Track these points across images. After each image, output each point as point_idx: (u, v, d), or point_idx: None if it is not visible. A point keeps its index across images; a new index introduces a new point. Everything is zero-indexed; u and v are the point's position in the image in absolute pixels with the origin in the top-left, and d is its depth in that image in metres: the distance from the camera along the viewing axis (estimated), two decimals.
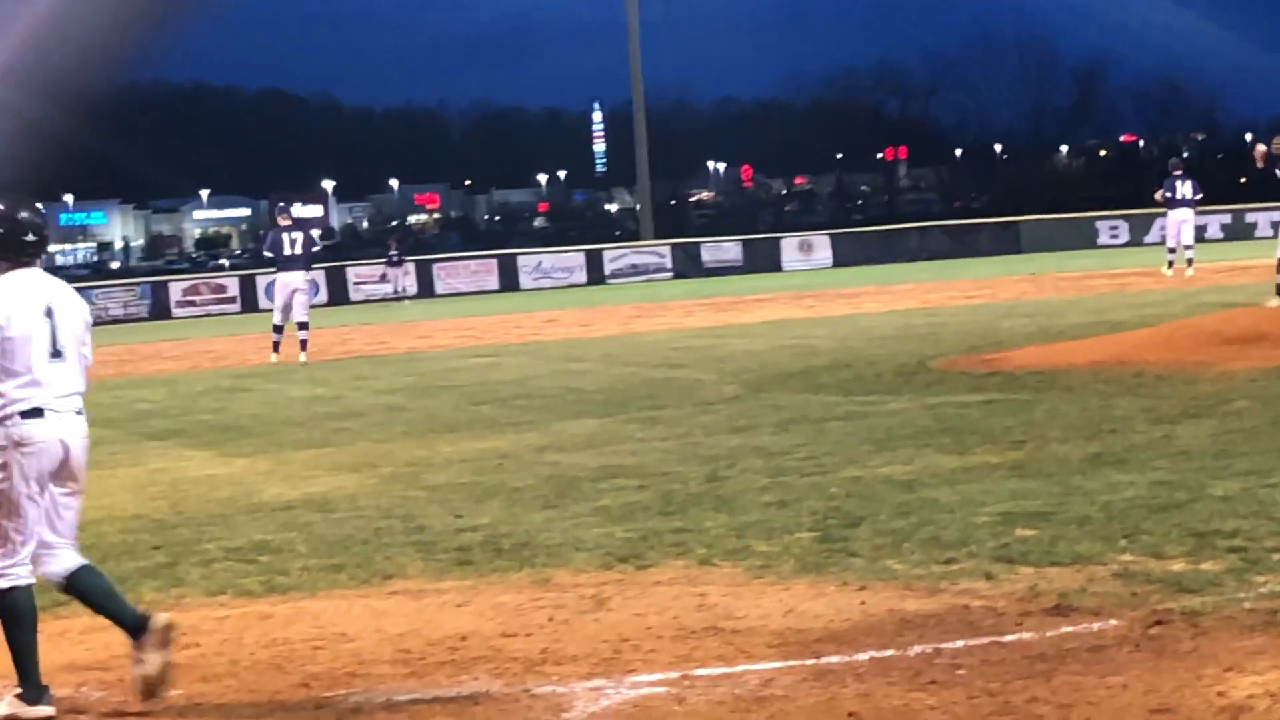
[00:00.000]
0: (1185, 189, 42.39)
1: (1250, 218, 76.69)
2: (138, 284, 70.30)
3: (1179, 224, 42.64)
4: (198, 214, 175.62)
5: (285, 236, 29.29)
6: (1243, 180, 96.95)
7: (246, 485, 13.17)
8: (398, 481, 12.74)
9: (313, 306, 32.59)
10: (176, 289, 68.11)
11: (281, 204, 33.92)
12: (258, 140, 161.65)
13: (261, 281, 68.03)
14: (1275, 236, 23.51)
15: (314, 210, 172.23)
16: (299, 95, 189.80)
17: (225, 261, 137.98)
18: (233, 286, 68.30)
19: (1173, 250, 43.23)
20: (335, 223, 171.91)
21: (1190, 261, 42.67)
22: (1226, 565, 7.66)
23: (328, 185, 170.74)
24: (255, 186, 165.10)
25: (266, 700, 6.64)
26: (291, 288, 29.42)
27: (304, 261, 29.71)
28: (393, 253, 68.96)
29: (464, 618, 7.84)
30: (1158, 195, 43.09)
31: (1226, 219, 76.07)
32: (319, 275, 68.74)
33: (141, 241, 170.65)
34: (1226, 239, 71.96)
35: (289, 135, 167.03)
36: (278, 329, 29.87)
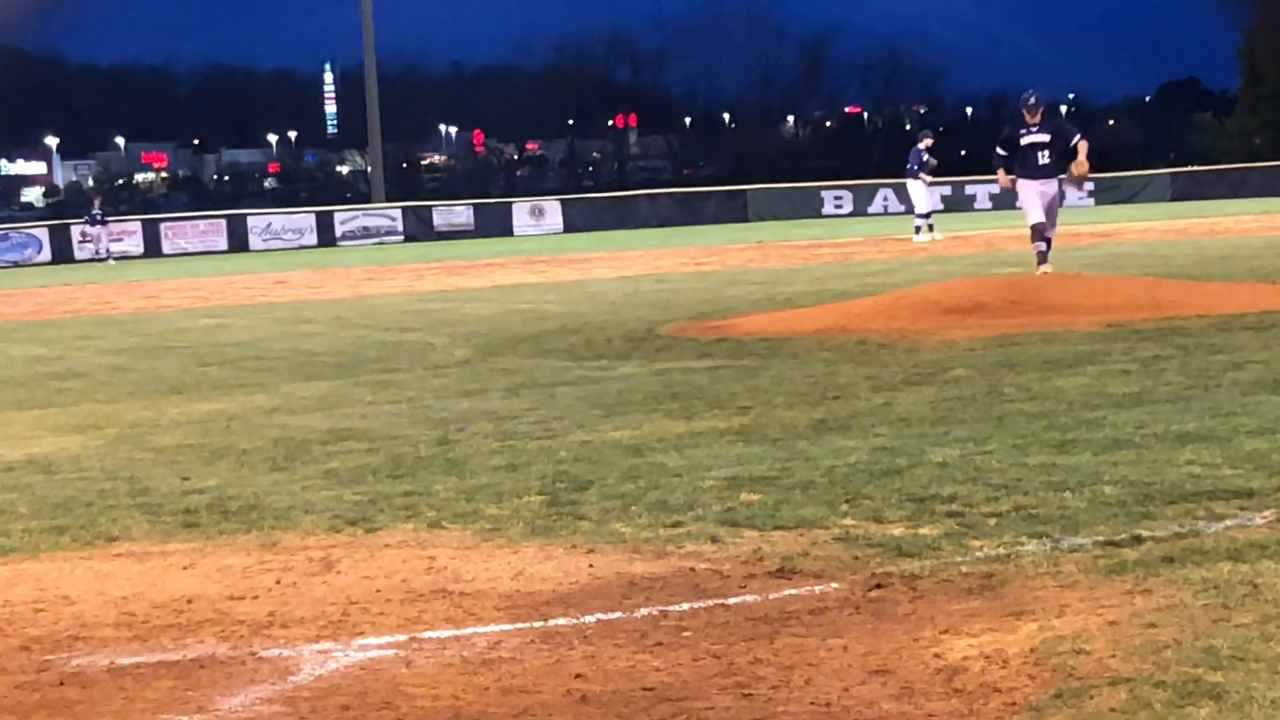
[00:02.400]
0: (917, 159, 44.39)
1: (970, 189, 78.42)
2: None
3: (916, 190, 45.01)
4: None
5: None
6: (963, 153, 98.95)
7: None
8: (123, 443, 12.56)
9: (35, 265, 31.93)
10: None
11: None
12: None
13: None
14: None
15: (37, 167, 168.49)
16: (20, 48, 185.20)
17: None
18: None
19: (920, 217, 45.22)
20: (59, 180, 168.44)
21: (931, 228, 44.61)
22: (944, 530, 7.84)
23: (51, 142, 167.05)
24: None
25: None
26: None
27: None
28: (95, 212, 67.67)
29: (190, 580, 7.77)
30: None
31: (946, 190, 77.64)
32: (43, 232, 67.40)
33: None
34: (947, 210, 73.42)
35: (11, 90, 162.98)
36: None
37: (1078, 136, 22.70)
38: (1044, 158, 22.40)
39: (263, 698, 5.88)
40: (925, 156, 44.11)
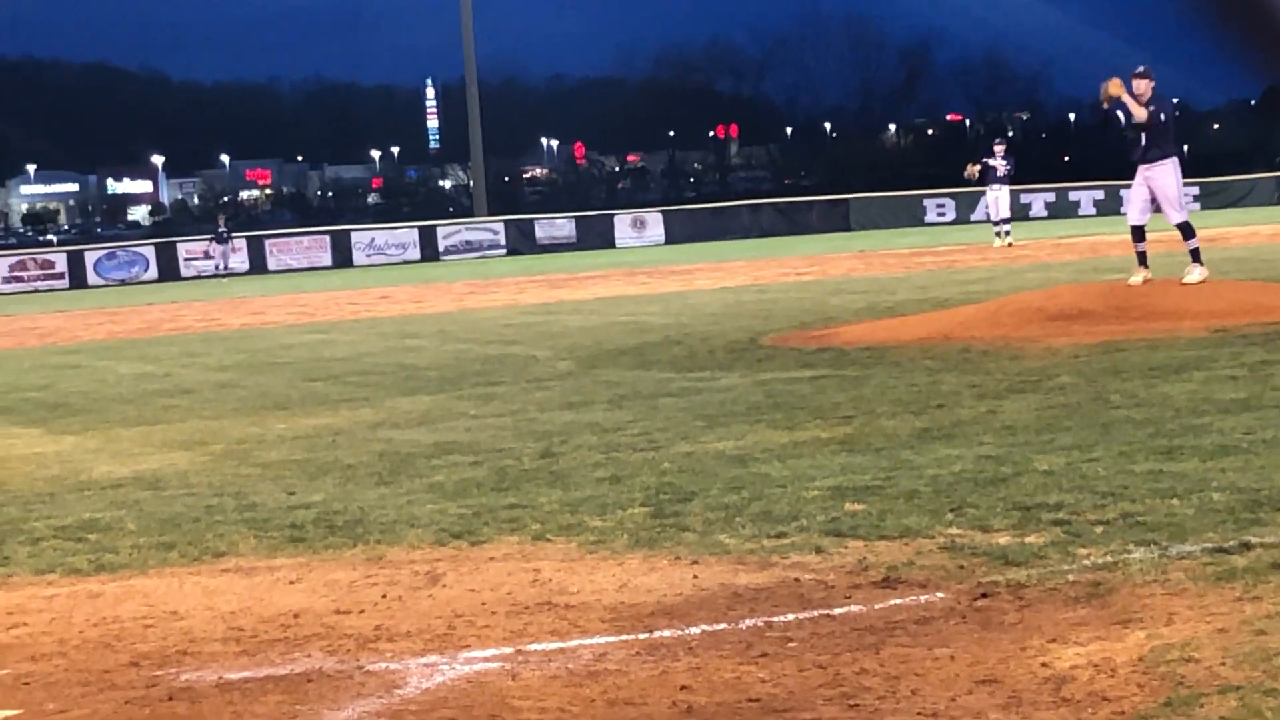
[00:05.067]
0: (998, 166, 44.36)
1: (1073, 195, 77.85)
2: None
3: (995, 198, 44.88)
4: (24, 189, 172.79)
5: None
6: (1065, 159, 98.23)
7: (75, 463, 13.02)
8: (229, 459, 12.66)
9: (143, 283, 32.32)
10: (2, 265, 67.05)
11: None
12: (85, 115, 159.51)
13: (90, 258, 67.19)
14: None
15: (143, 185, 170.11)
16: (127, 69, 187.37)
17: (53, 237, 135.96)
18: (61, 263, 67.31)
19: (996, 224, 45.09)
20: (165, 198, 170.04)
21: (1008, 234, 44.43)
22: (1050, 538, 7.79)
23: (157, 160, 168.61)
24: (83, 161, 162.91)
25: (96, 679, 6.58)
26: None
27: None
28: (221, 229, 68.29)
29: (296, 595, 7.82)
30: (974, 169, 44.94)
31: (1050, 197, 77.16)
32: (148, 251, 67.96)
33: None
34: (1050, 217, 72.98)
35: (117, 109, 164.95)
36: None
37: (1162, 118, 21.14)
38: (1143, 141, 21.27)
39: (369, 711, 5.90)
40: (1004, 162, 44.28)
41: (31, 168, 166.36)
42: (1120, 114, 21.07)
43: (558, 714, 5.73)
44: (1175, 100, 23.07)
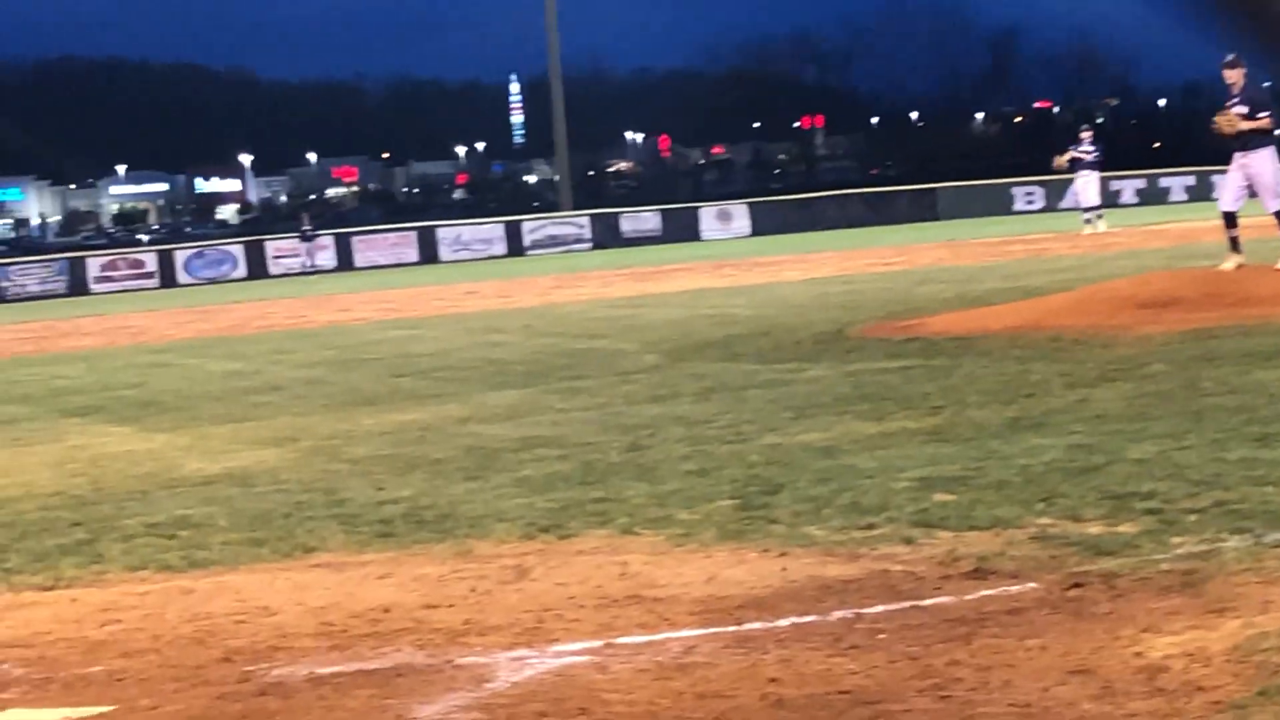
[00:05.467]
0: (1086, 153, 44.28)
1: (1164, 182, 77.33)
2: (55, 260, 69.81)
3: (1085, 184, 44.75)
4: (114, 189, 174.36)
5: None
6: (1156, 145, 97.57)
7: (166, 460, 13.11)
8: (319, 455, 12.71)
9: (232, 281, 32.56)
10: (94, 265, 67.69)
11: None
12: (173, 114, 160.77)
13: (179, 257, 67.72)
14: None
15: (232, 184, 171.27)
16: (213, 68, 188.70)
17: (143, 237, 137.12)
18: (151, 262, 67.87)
19: (1085, 211, 45.03)
20: (253, 197, 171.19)
21: (1100, 218, 44.31)
22: (1143, 527, 7.72)
23: (245, 159, 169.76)
24: (172, 161, 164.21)
25: (189, 674, 6.62)
26: None
27: None
28: (305, 227, 68.75)
29: (386, 590, 7.84)
30: (1063, 160, 44.91)
31: (1141, 184, 76.67)
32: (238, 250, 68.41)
33: (58, 218, 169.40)
34: (1141, 204, 72.51)
35: (204, 109, 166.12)
36: None
37: (1263, 114, 21.33)
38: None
39: (460, 705, 5.91)
40: (1091, 149, 44.12)
41: (121, 168, 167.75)
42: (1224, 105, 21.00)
43: (647, 707, 5.72)
44: (1267, 85, 22.64)
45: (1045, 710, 5.36)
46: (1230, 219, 21.10)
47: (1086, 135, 45.52)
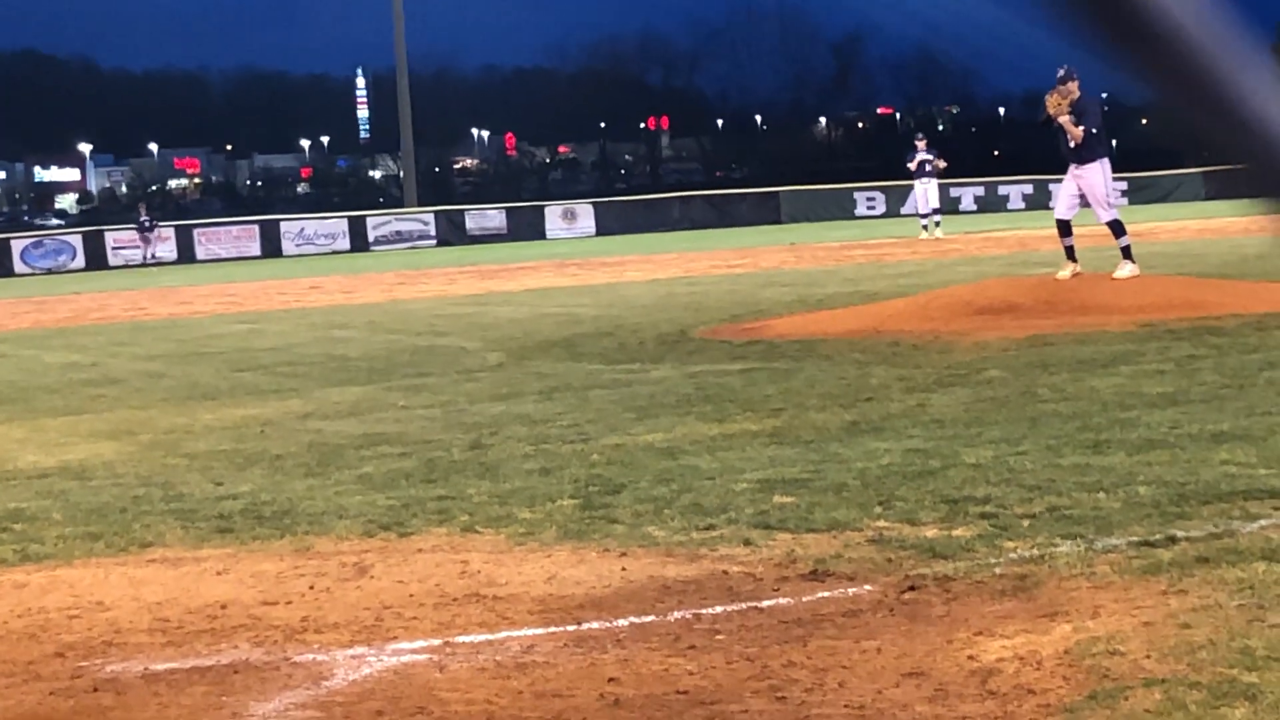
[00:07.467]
0: (925, 159, 45.60)
1: (1002, 190, 78.31)
2: None
3: (924, 190, 46.23)
4: None
5: None
6: (995, 153, 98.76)
7: (0, 453, 12.92)
8: (157, 449, 12.59)
9: (70, 271, 32.16)
10: None
11: None
12: (12, 102, 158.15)
13: (16, 246, 66.75)
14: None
15: (71, 174, 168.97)
16: (53, 56, 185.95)
17: None
18: None
19: (923, 216, 46.36)
20: (92, 187, 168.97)
21: (937, 225, 45.60)
22: (978, 531, 7.82)
23: (84, 148, 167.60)
24: (9, 149, 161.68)
25: (21, 670, 6.54)
26: None
27: None
28: (143, 219, 67.99)
29: (224, 586, 7.79)
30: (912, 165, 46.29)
31: (980, 191, 77.56)
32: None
33: None
34: (980, 211, 73.39)
35: (45, 97, 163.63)
36: None
37: (1084, 129, 20.85)
38: (1070, 141, 21.18)
39: (296, 703, 5.88)
40: (927, 156, 45.37)
41: None
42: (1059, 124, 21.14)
43: (485, 706, 5.72)
44: (1104, 95, 22.94)
45: (880, 712, 5.43)
46: (1064, 228, 21.36)
47: (921, 144, 46.71)
